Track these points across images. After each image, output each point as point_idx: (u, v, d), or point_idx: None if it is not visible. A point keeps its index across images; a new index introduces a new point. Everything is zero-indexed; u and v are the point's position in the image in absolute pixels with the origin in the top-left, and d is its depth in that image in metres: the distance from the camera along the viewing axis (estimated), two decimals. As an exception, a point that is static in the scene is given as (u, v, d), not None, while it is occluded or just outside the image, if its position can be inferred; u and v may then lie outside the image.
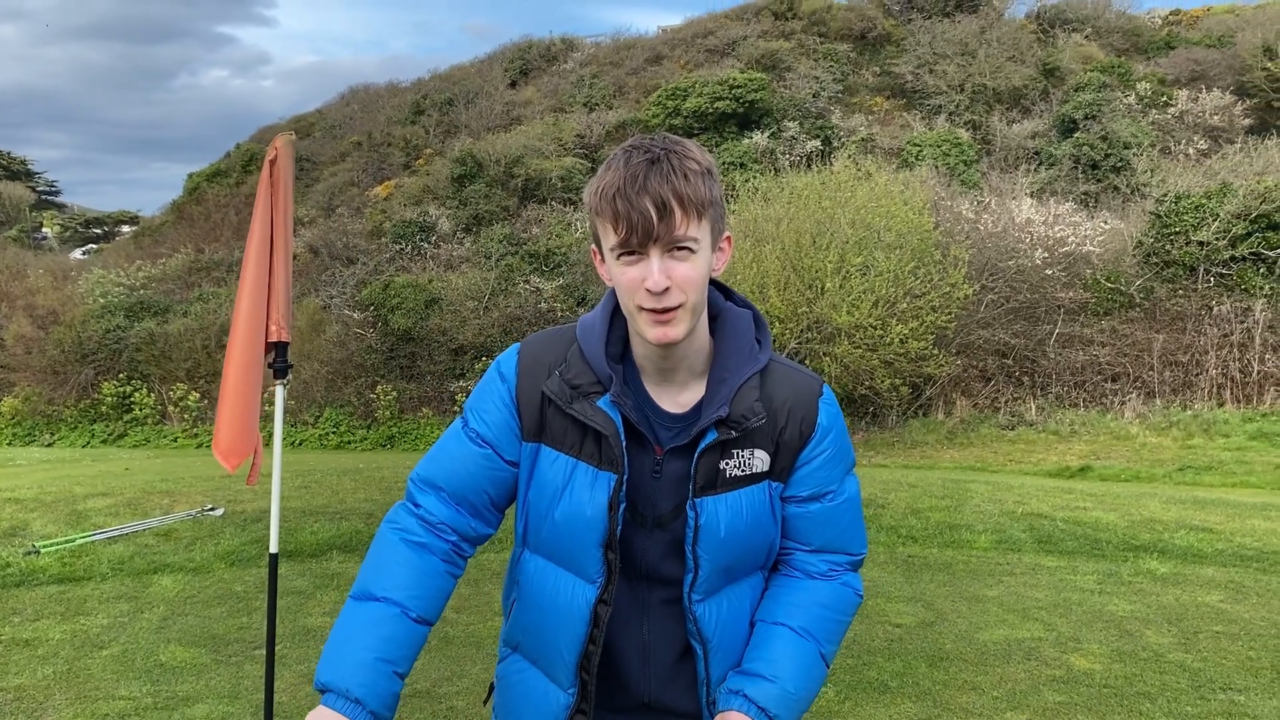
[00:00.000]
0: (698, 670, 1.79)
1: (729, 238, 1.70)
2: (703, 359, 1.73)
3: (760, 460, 1.74)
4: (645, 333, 1.61)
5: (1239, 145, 24.32)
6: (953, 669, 5.04)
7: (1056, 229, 19.55)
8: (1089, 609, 6.05)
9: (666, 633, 1.78)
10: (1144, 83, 27.93)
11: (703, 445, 1.69)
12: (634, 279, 1.58)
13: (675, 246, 1.57)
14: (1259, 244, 17.64)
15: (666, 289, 1.56)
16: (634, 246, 1.56)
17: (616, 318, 1.75)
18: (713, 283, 1.74)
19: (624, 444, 1.67)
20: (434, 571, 1.73)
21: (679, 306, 1.58)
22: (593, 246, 1.72)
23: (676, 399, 1.74)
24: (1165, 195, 19.64)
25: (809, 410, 1.77)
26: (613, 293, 1.74)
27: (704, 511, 1.70)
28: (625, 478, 1.68)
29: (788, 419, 1.75)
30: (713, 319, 1.76)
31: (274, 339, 4.18)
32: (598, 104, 31.04)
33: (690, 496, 1.70)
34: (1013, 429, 16.76)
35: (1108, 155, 25.20)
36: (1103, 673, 4.96)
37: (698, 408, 1.72)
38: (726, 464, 1.71)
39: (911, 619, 5.87)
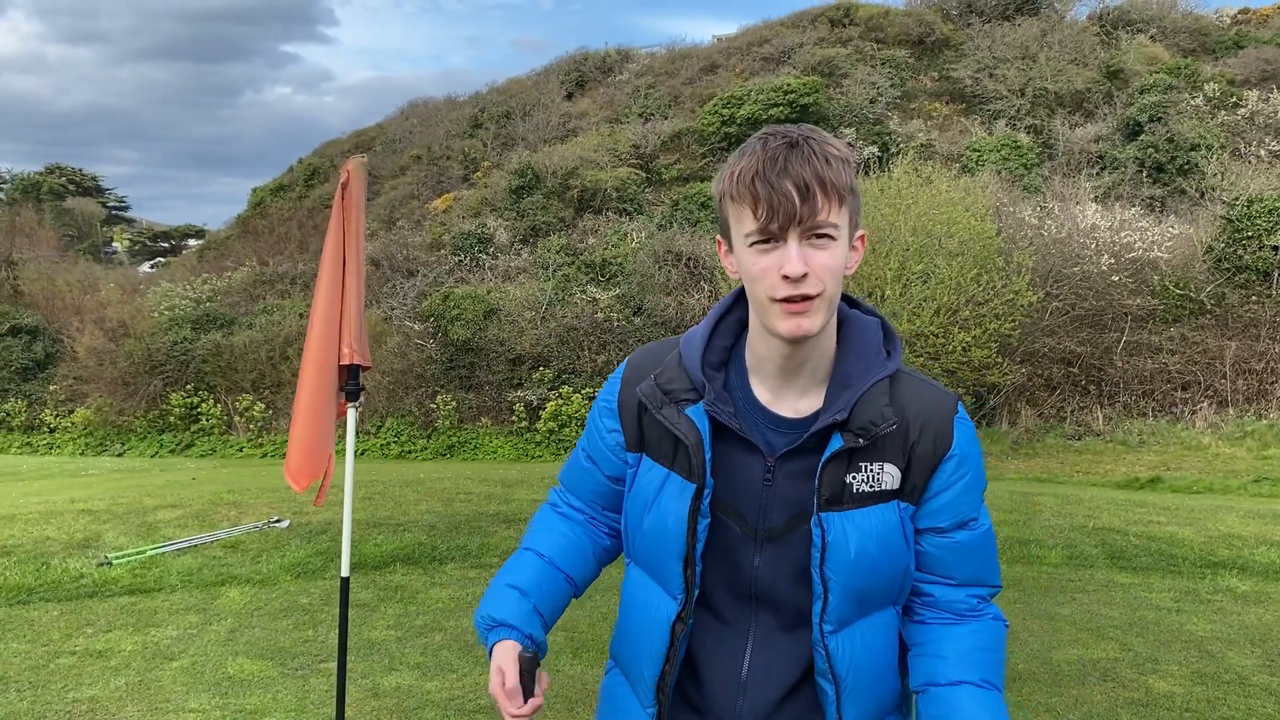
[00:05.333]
0: (826, 713, 1.64)
1: (863, 236, 1.59)
2: (826, 364, 1.62)
3: (890, 476, 1.60)
4: (777, 326, 1.50)
5: (1313, 146, 23.62)
6: (1026, 690, 4.91)
7: (1123, 234, 19.12)
8: (1167, 628, 5.86)
9: (773, 665, 1.64)
10: (1212, 83, 27.23)
11: (828, 453, 1.56)
12: (768, 267, 1.49)
13: (815, 233, 1.48)
14: (1336, 248, 17.11)
15: (804, 275, 1.47)
16: (773, 232, 1.47)
17: (720, 327, 1.69)
18: None
19: (709, 454, 1.58)
20: (575, 535, 1.85)
21: (816, 296, 1.48)
22: (718, 239, 1.63)
23: (795, 405, 1.62)
24: (1237, 199, 19.11)
25: (944, 426, 1.63)
26: (722, 302, 1.69)
27: (830, 528, 1.57)
28: (708, 490, 1.59)
29: (921, 433, 1.61)
30: (838, 327, 1.64)
31: (345, 361, 4.21)
32: (653, 114, 31.04)
33: (815, 511, 1.57)
34: (1079, 439, 16.41)
35: (1174, 158, 24.61)
36: (1184, 696, 4.80)
37: (817, 415, 1.60)
38: (853, 478, 1.58)
39: (981, 637, 5.74)
